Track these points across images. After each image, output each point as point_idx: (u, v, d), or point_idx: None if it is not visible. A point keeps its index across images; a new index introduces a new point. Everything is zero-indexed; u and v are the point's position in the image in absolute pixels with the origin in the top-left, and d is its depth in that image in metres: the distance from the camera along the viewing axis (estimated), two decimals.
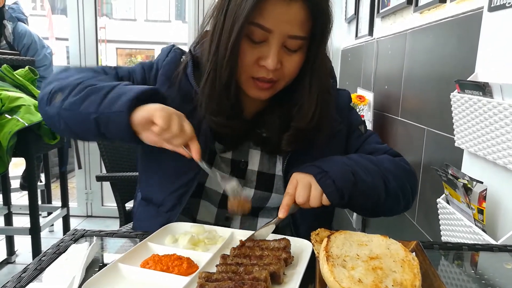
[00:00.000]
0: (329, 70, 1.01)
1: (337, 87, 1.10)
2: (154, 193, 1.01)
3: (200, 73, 0.94)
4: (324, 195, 0.84)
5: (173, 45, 1.05)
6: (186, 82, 0.97)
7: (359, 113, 2.21)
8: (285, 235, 0.81)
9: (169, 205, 0.97)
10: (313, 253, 0.74)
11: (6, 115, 2.02)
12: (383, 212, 0.98)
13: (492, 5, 1.10)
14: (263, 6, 0.80)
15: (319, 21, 0.85)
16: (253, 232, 0.82)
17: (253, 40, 0.85)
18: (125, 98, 0.79)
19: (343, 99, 1.08)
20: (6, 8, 3.02)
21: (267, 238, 0.81)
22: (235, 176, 0.95)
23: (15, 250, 2.77)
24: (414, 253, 0.72)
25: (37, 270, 0.71)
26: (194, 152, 0.81)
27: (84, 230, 0.89)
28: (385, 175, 0.91)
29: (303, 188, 0.84)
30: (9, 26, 3.00)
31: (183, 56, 1.01)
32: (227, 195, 0.86)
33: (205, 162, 0.85)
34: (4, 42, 3.01)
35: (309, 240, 0.77)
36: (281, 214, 0.84)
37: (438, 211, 1.23)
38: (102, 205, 3.59)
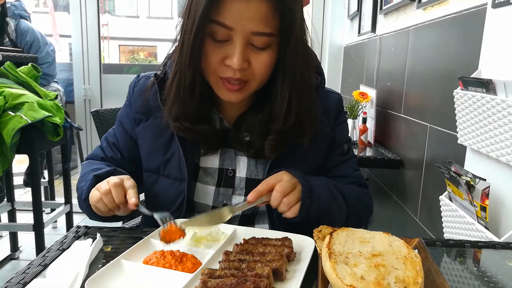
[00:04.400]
0: (311, 68, 0.95)
1: (327, 86, 1.05)
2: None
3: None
4: (296, 205, 0.85)
5: (138, 75, 1.04)
6: (158, 107, 0.96)
7: (361, 110, 2.22)
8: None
9: None
10: (315, 250, 0.75)
11: (10, 112, 2.02)
12: None
13: (496, 1, 1.09)
14: (220, 2, 0.78)
15: (285, 17, 0.80)
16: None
17: (216, 39, 0.82)
18: (82, 201, 0.94)
19: (332, 102, 1.04)
20: (9, 5, 3.03)
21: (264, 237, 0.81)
22: (224, 186, 0.98)
23: (19, 246, 2.78)
24: (416, 250, 0.72)
25: (41, 266, 0.72)
26: (129, 203, 0.84)
27: (87, 226, 0.90)
28: (349, 211, 0.95)
29: (289, 185, 0.85)
30: (11, 23, 3.01)
31: (151, 78, 0.99)
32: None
33: (143, 206, 0.87)
34: (7, 39, 3.02)
35: (312, 237, 0.78)
36: (251, 197, 0.84)
37: (441, 208, 1.23)
38: None
